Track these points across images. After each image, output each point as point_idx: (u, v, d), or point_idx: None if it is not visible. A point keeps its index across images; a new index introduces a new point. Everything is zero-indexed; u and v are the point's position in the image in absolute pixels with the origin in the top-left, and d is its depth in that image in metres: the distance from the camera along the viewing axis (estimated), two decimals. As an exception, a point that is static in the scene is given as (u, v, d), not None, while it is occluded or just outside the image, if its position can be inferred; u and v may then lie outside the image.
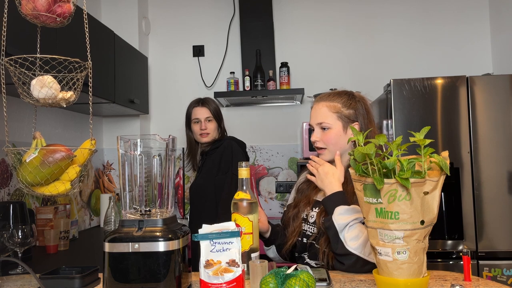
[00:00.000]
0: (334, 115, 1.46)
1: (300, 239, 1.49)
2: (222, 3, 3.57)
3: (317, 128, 1.49)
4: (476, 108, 2.54)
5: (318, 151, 1.51)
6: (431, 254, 2.49)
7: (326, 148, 1.48)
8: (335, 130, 1.46)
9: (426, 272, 1.06)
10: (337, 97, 1.50)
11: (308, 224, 1.48)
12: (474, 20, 3.39)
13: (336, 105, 1.48)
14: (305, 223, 1.50)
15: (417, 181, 1.00)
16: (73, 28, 1.41)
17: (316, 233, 1.44)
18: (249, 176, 1.29)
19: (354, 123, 1.48)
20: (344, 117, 1.47)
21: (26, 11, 1.22)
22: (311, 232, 1.46)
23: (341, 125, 1.47)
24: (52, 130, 2.70)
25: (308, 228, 1.48)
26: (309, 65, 3.48)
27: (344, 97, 1.50)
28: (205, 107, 2.58)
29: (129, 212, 1.17)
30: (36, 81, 1.21)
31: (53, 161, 1.20)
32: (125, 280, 1.08)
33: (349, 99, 1.50)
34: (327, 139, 1.47)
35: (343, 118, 1.47)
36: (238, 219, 1.24)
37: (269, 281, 1.03)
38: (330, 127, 1.46)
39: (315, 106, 1.52)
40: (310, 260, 1.45)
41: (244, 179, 1.27)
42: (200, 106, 2.59)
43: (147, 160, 1.19)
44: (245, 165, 1.27)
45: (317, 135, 1.48)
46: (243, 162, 1.28)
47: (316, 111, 1.50)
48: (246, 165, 1.27)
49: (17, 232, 1.54)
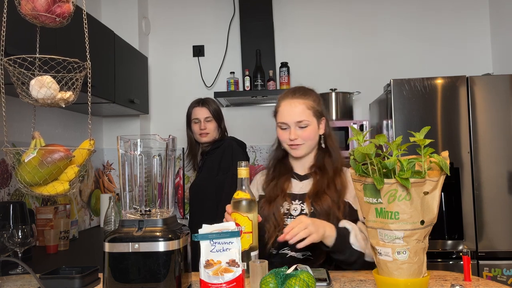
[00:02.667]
0: (310, 112, 1.52)
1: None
2: (222, 3, 3.57)
3: (295, 126, 1.51)
4: (476, 108, 2.54)
5: (294, 147, 1.52)
6: (431, 254, 2.49)
7: (302, 144, 1.52)
8: (313, 126, 1.52)
9: (426, 272, 1.06)
10: (308, 94, 1.55)
11: (292, 217, 1.47)
12: (474, 20, 3.39)
13: (310, 102, 1.53)
14: (287, 217, 1.48)
15: (417, 181, 1.00)
16: (73, 28, 1.41)
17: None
18: (248, 175, 1.29)
19: (322, 118, 1.55)
20: (317, 113, 1.53)
21: (25, 11, 1.22)
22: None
23: (316, 121, 1.53)
24: (52, 130, 2.70)
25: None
26: (309, 65, 3.48)
27: (313, 93, 1.57)
28: (204, 107, 2.58)
29: (129, 212, 1.17)
30: (35, 81, 1.21)
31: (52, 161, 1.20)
32: (125, 280, 1.08)
33: (317, 96, 1.58)
34: (307, 136, 1.51)
35: (316, 114, 1.53)
36: (238, 218, 1.25)
37: (269, 281, 1.03)
38: (309, 124, 1.51)
39: (288, 103, 1.53)
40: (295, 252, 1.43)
41: (244, 178, 1.28)
42: (200, 106, 2.59)
43: (147, 160, 1.19)
44: (245, 165, 1.28)
45: (297, 132, 1.51)
46: (243, 161, 1.29)
47: (291, 108, 1.52)
48: (245, 165, 1.28)
49: (17, 232, 1.54)
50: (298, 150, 1.53)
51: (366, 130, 1.99)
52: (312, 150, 1.57)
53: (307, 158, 1.57)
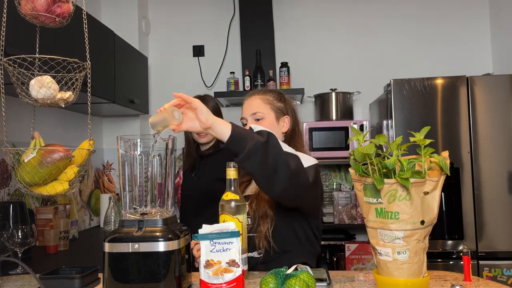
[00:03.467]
0: (267, 106, 1.56)
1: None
2: (222, 3, 3.57)
3: (251, 118, 1.55)
4: (476, 108, 2.54)
5: None
6: (431, 254, 2.49)
7: None
8: (269, 120, 1.55)
9: (426, 272, 1.05)
10: (268, 92, 1.62)
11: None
12: (474, 20, 3.39)
13: (268, 97, 1.58)
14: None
15: (417, 181, 1.00)
16: (73, 28, 1.41)
17: (251, 224, 1.44)
18: (237, 176, 1.27)
19: (285, 116, 1.58)
20: (277, 109, 1.56)
21: (25, 11, 1.22)
22: (247, 224, 1.44)
23: (274, 116, 1.56)
24: (52, 130, 2.70)
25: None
26: (309, 65, 3.48)
27: (274, 92, 1.63)
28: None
29: (129, 212, 1.16)
30: (34, 81, 1.21)
31: (51, 161, 1.20)
32: (125, 280, 1.07)
33: (279, 94, 1.62)
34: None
35: (275, 110, 1.57)
36: (228, 220, 1.23)
37: (269, 281, 1.03)
38: (264, 116, 1.54)
39: (247, 100, 1.60)
40: (250, 253, 1.42)
41: (233, 179, 1.26)
42: None
43: (147, 160, 1.18)
44: (233, 166, 1.26)
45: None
46: (231, 162, 1.26)
47: (249, 103, 1.57)
48: (234, 166, 1.26)
49: (17, 232, 1.54)
50: None
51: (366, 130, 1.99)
52: None
53: None
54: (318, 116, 3.23)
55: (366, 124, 2.98)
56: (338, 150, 2.99)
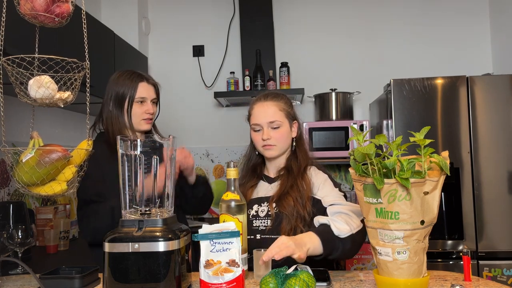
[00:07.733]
0: (282, 113, 1.55)
1: (252, 237, 1.47)
2: (222, 3, 3.57)
3: (268, 126, 1.54)
4: (476, 108, 2.54)
5: (267, 147, 1.54)
6: (431, 254, 2.48)
7: (276, 145, 1.54)
8: (285, 127, 1.55)
9: (426, 272, 1.05)
10: (280, 97, 1.59)
11: (260, 219, 1.50)
12: (474, 21, 3.38)
13: (282, 104, 1.57)
14: (255, 219, 1.50)
15: (417, 181, 1.00)
16: (73, 28, 1.41)
17: (270, 226, 1.46)
18: (237, 176, 1.28)
19: (294, 122, 1.59)
20: (290, 116, 1.57)
21: (24, 11, 1.22)
22: (265, 226, 1.47)
23: (288, 123, 1.56)
24: (52, 130, 2.69)
25: (260, 224, 1.49)
26: (309, 65, 3.48)
27: (284, 97, 1.61)
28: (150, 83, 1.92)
29: (129, 212, 1.16)
30: (33, 81, 1.21)
31: (49, 161, 1.19)
32: (125, 280, 1.07)
33: (288, 100, 1.61)
34: (279, 136, 1.54)
35: (288, 116, 1.57)
36: (228, 220, 1.23)
37: (269, 281, 1.03)
38: (281, 125, 1.54)
39: (261, 105, 1.57)
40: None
41: (233, 179, 1.27)
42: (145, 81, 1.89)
43: (147, 160, 1.18)
44: (233, 165, 1.27)
45: (270, 133, 1.53)
46: (231, 162, 1.28)
47: (264, 109, 1.55)
48: (234, 165, 1.27)
49: (17, 232, 1.54)
50: (271, 151, 1.55)
51: (366, 130, 1.99)
52: (285, 153, 1.59)
53: (280, 160, 1.59)
54: (318, 116, 3.23)
55: (366, 124, 2.98)
56: (338, 150, 3.00)
